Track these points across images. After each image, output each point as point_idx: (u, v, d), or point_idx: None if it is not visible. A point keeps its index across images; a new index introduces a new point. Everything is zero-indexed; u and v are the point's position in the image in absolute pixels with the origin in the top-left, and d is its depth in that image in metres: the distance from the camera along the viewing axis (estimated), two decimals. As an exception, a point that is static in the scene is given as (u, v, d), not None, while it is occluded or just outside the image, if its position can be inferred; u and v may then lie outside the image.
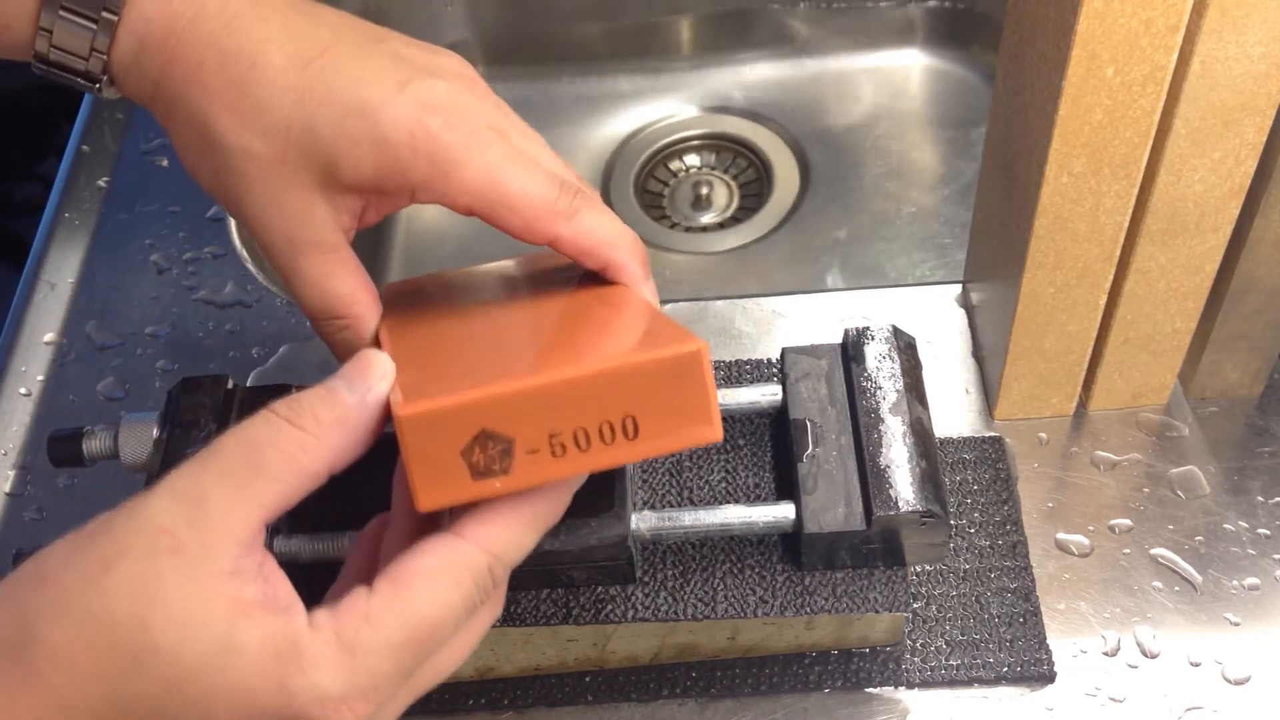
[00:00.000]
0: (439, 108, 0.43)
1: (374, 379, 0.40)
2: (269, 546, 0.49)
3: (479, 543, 0.38)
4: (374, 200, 0.46)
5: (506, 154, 0.43)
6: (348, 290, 0.45)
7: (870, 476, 0.49)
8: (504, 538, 0.39)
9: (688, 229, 0.91)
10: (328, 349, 0.47)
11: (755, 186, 0.93)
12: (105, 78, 0.45)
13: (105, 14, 0.43)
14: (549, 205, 0.43)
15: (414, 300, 0.50)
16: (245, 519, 0.36)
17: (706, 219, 0.91)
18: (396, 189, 0.43)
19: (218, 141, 0.43)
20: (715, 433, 0.39)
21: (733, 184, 0.93)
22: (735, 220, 0.91)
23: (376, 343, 0.46)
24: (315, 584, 0.52)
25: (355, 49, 0.44)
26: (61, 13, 0.43)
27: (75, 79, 0.45)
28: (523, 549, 0.40)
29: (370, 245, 0.90)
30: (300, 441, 0.38)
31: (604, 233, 0.44)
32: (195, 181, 0.46)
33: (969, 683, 0.55)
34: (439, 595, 0.37)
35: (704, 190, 0.92)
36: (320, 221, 0.44)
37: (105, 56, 0.44)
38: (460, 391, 0.38)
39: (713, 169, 0.94)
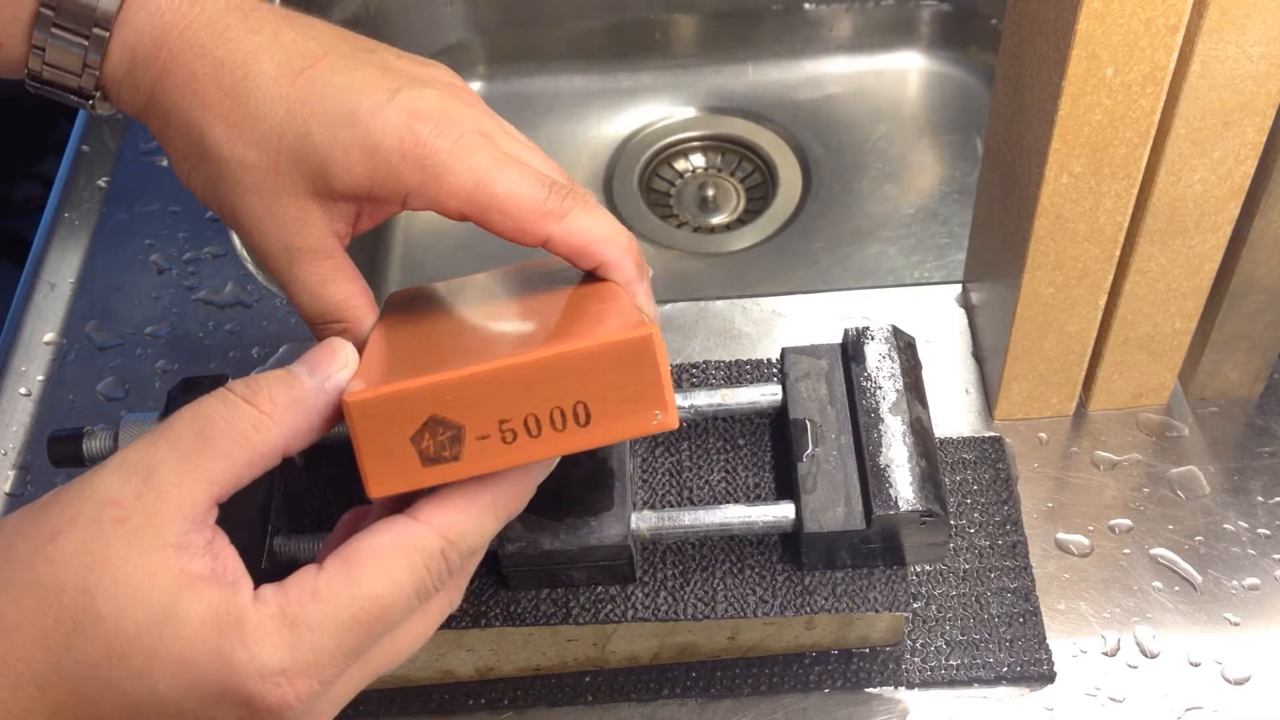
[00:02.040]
0: (428, 114, 0.43)
1: (335, 366, 0.40)
2: (270, 546, 0.49)
3: (433, 526, 0.39)
4: (367, 207, 0.46)
5: (495, 158, 0.44)
6: (344, 295, 0.46)
7: (870, 476, 0.49)
8: (459, 523, 0.39)
9: (695, 229, 0.91)
10: None
11: (761, 190, 0.93)
12: (98, 93, 0.45)
13: (96, 30, 0.43)
14: (538, 206, 0.43)
15: (413, 304, 0.50)
16: (194, 494, 0.37)
17: (715, 220, 0.91)
18: (388, 195, 0.44)
19: (211, 151, 0.44)
20: (669, 419, 0.39)
21: (739, 186, 0.93)
22: (741, 222, 0.91)
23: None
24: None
25: (346, 59, 0.45)
26: (54, 30, 0.44)
27: (69, 95, 0.45)
28: (480, 536, 0.40)
29: (369, 247, 0.90)
30: (254, 420, 0.38)
31: (595, 231, 0.44)
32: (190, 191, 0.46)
33: (969, 683, 0.55)
34: (388, 575, 0.38)
35: (711, 192, 0.92)
36: (315, 228, 0.45)
37: (97, 72, 0.44)
38: (408, 378, 0.38)
39: (718, 170, 0.94)
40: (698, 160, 0.95)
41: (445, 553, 0.39)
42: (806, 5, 0.97)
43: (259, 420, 0.38)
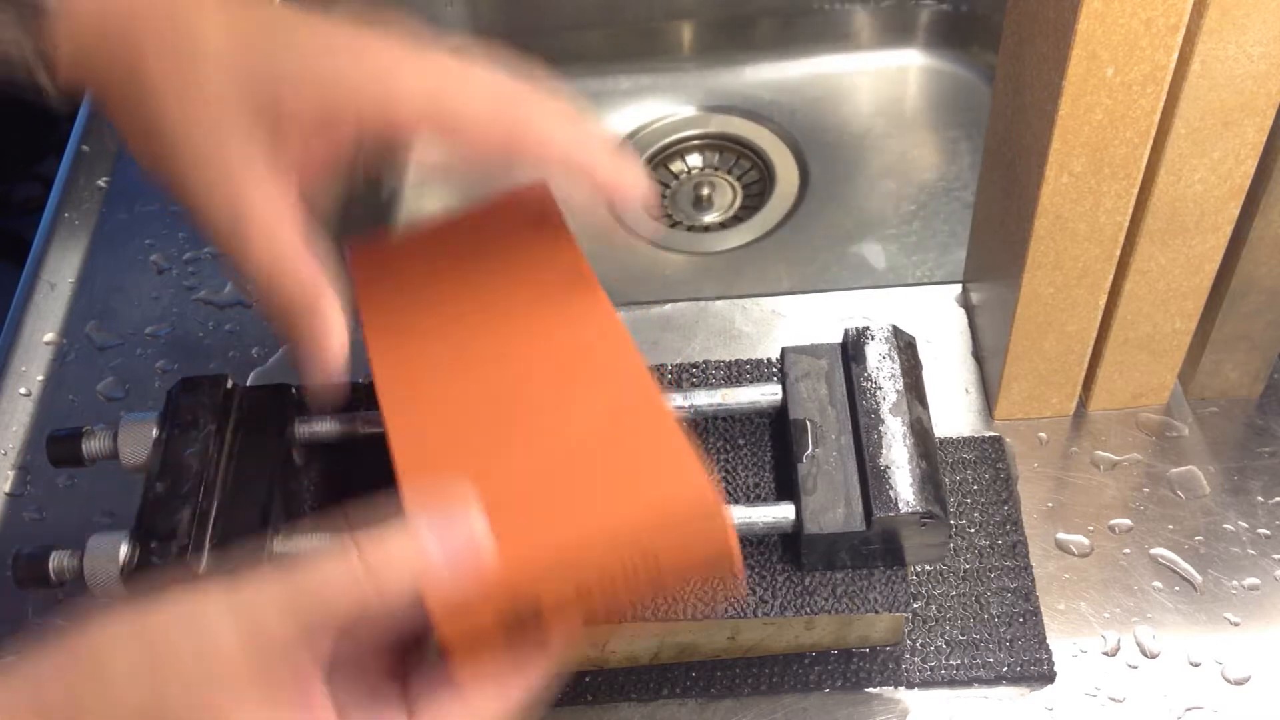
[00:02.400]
0: (378, 31, 0.43)
1: (462, 536, 0.39)
2: (270, 547, 0.49)
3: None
4: (316, 143, 0.45)
5: (448, 61, 0.43)
6: (294, 244, 0.44)
7: (870, 477, 0.49)
8: (508, 705, 0.40)
9: (690, 228, 0.91)
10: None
11: (757, 187, 0.93)
12: (52, 82, 0.45)
13: (40, 21, 0.43)
14: (499, 104, 0.43)
15: (398, 306, 0.49)
16: (305, 661, 0.37)
17: (709, 219, 0.91)
18: (339, 112, 0.43)
19: (158, 123, 0.43)
20: (736, 567, 0.41)
21: (735, 184, 0.93)
22: (737, 220, 0.91)
23: (368, 390, 0.46)
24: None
25: (290, 21, 0.45)
26: None
27: (20, 87, 0.45)
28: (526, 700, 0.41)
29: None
30: (371, 604, 0.38)
31: (562, 134, 0.44)
32: (143, 172, 0.46)
33: (969, 683, 0.55)
34: None
35: (706, 190, 0.92)
36: (261, 177, 0.44)
37: (46, 62, 0.44)
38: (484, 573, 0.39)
39: (715, 169, 0.94)
40: (694, 160, 0.95)
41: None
42: (808, 5, 0.97)
43: (375, 605, 0.38)
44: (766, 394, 0.53)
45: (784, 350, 0.54)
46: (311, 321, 0.44)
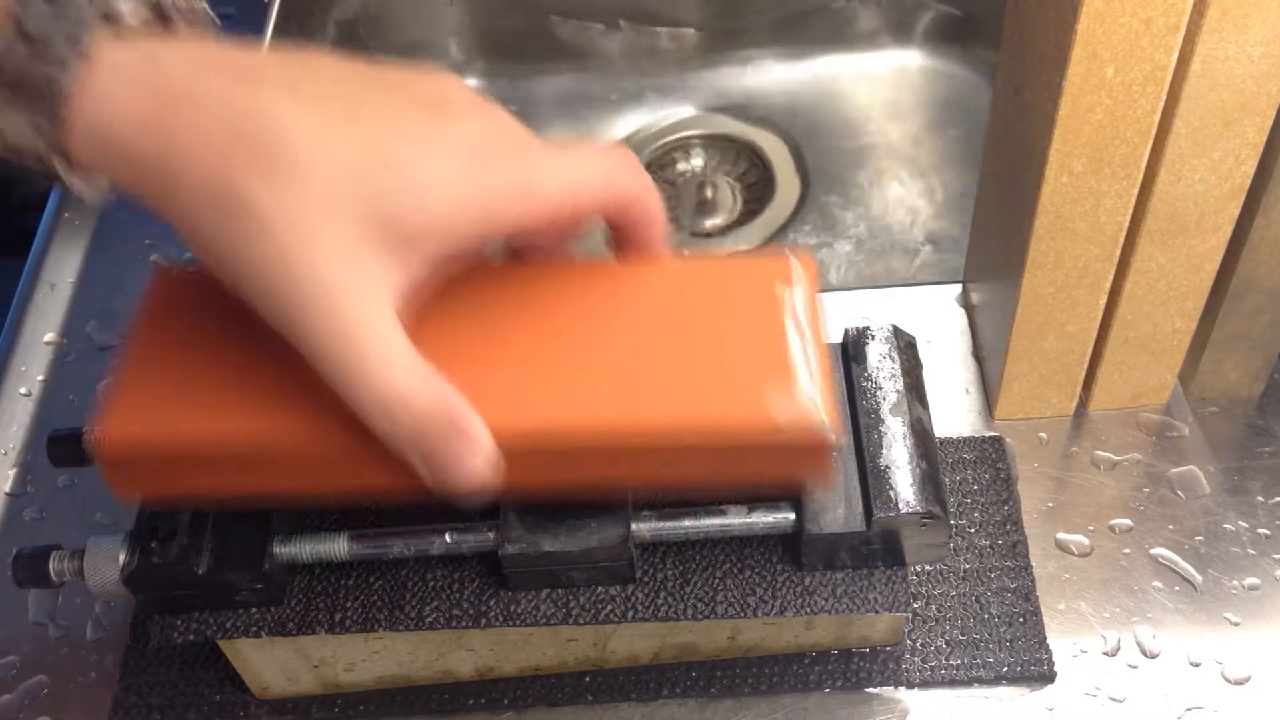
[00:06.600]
0: (487, 130, 0.41)
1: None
2: (269, 548, 0.49)
3: None
4: (439, 256, 0.40)
5: (564, 149, 0.42)
6: (414, 369, 0.39)
7: (870, 477, 0.49)
8: None
9: (693, 233, 0.91)
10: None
11: (759, 190, 0.93)
12: (74, 171, 0.39)
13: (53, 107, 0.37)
14: (612, 179, 0.42)
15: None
16: None
17: (711, 223, 0.91)
18: (473, 224, 0.39)
19: (245, 240, 0.38)
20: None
21: (736, 186, 0.93)
22: (739, 224, 0.91)
23: None
24: (315, 581, 0.52)
25: (400, 120, 0.40)
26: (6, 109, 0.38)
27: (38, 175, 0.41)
28: None
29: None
30: None
31: (651, 195, 0.44)
32: (218, 277, 0.39)
33: (969, 682, 0.55)
34: None
35: (708, 193, 0.92)
36: (381, 285, 0.38)
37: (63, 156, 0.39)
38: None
39: (715, 171, 0.94)
40: (696, 161, 0.95)
41: None
42: (809, 5, 0.97)
43: None
44: (766, 394, 0.53)
45: (784, 350, 0.53)
46: (450, 441, 0.40)
